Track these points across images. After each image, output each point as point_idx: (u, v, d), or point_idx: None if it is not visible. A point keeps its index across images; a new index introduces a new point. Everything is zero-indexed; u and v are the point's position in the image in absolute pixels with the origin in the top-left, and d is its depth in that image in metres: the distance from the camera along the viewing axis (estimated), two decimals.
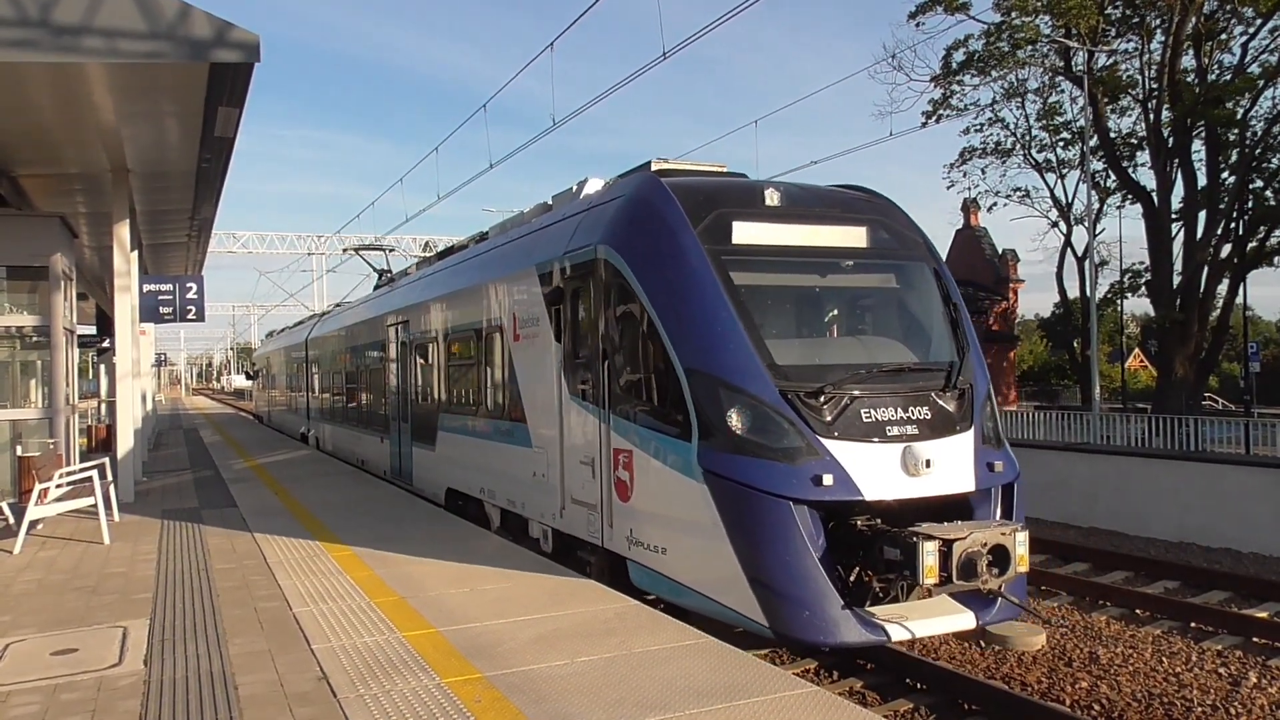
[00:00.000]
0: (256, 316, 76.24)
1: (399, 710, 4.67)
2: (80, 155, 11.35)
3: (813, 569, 6.56)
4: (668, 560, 7.40)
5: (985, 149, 36.85)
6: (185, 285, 15.36)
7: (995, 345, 44.73)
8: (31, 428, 12.03)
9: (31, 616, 6.66)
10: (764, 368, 7.01)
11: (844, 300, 8.50)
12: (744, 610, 6.81)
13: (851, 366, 7.34)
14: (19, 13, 7.47)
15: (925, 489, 6.93)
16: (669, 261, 7.54)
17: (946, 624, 7.08)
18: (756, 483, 6.73)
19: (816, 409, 6.94)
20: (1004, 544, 6.66)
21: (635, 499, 7.65)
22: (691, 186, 8.12)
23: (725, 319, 7.17)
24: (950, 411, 7.35)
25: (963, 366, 7.74)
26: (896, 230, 8.54)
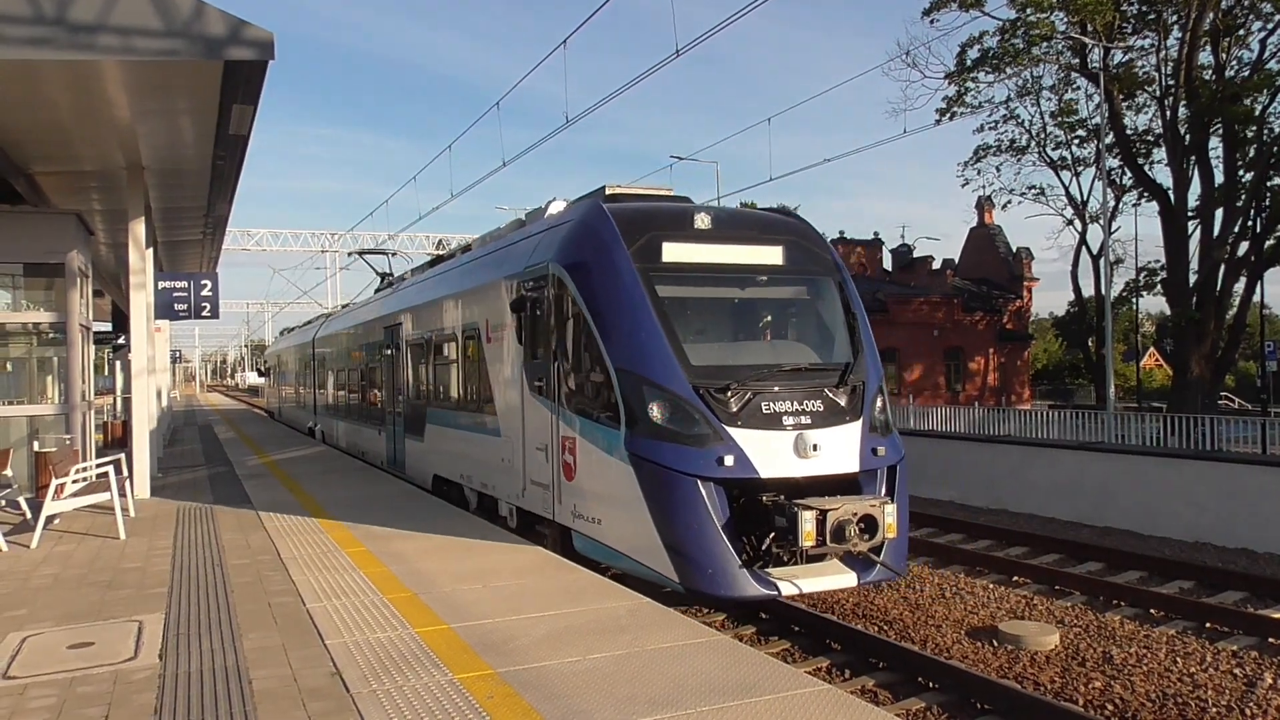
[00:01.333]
0: (270, 314, 76.57)
1: (411, 706, 4.68)
2: (96, 152, 11.42)
3: (715, 535, 7.77)
4: (603, 529, 8.63)
5: (1000, 146, 36.68)
6: (200, 282, 15.44)
7: (1009, 344, 44.56)
8: (48, 423, 12.14)
9: (48, 610, 6.71)
10: (681, 368, 8.22)
11: (759, 310, 9.80)
12: (661, 570, 8.03)
13: (757, 367, 8.60)
14: (35, 11, 7.52)
15: (814, 469, 8.13)
16: (605, 277, 8.83)
17: (831, 582, 8.24)
18: (670, 463, 7.93)
19: (723, 402, 8.16)
20: (873, 514, 7.90)
21: (578, 479, 8.88)
22: (630, 212, 9.33)
23: (650, 327, 8.41)
24: (841, 405, 8.58)
25: (856, 366, 8.96)
26: (808, 249, 9.72)
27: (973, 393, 41.84)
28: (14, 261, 12.00)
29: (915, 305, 41.87)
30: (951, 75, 33.24)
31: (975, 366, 43.38)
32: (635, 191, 10.87)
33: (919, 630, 9.91)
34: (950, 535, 15.30)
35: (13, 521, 10.05)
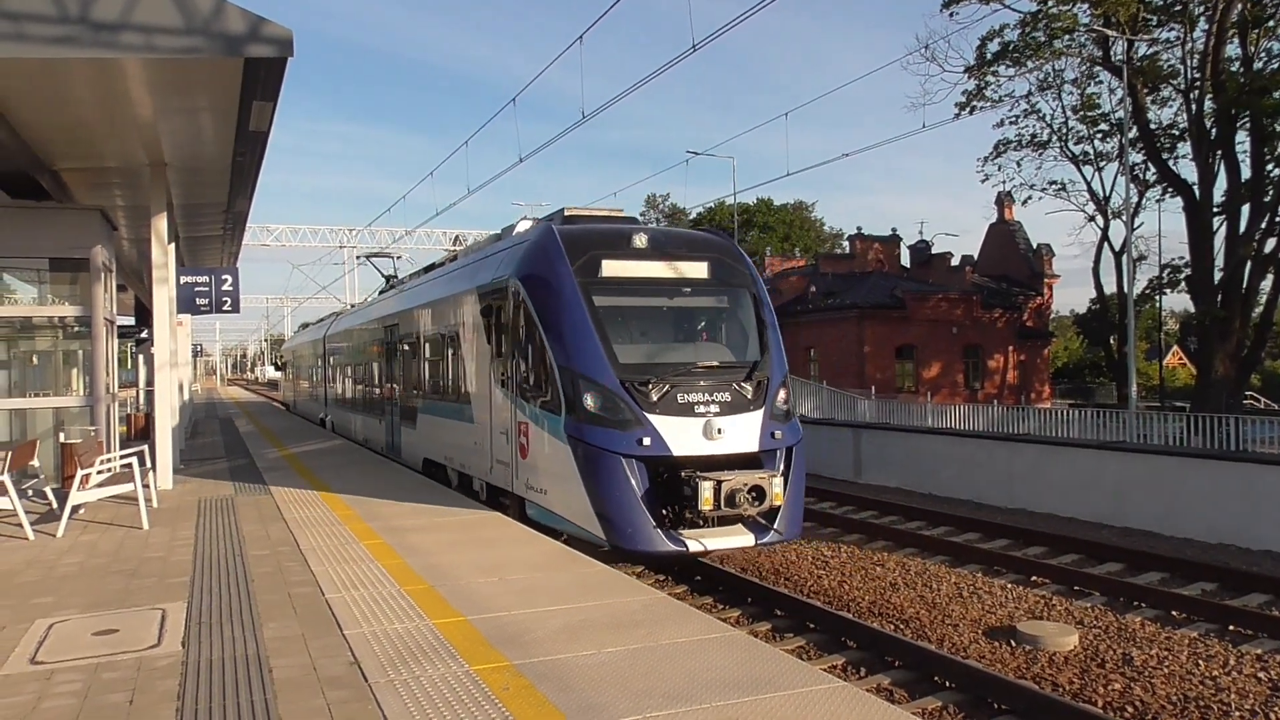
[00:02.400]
0: (289, 309, 77.12)
1: (429, 696, 4.73)
2: (119, 149, 11.53)
3: (635, 502, 9.32)
4: (549, 499, 10.25)
5: (1020, 141, 36.45)
6: (220, 277, 15.58)
7: (1029, 342, 44.26)
8: (73, 415, 12.28)
9: (74, 598, 6.81)
10: (610, 365, 9.74)
11: (682, 316, 11.22)
12: (594, 531, 9.55)
13: (675, 365, 10.12)
14: (60, 9, 7.61)
15: (719, 449, 9.62)
16: (551, 290, 10.39)
17: (731, 542, 9.75)
18: (599, 444, 9.49)
19: (645, 394, 9.65)
20: (761, 485, 9.39)
21: (529, 457, 10.54)
22: (576, 233, 10.86)
23: (586, 331, 9.94)
24: (746, 397, 10.04)
25: (761, 365, 10.42)
26: (729, 265, 11.21)
27: (991, 391, 41.58)
28: (40, 256, 12.14)
29: (933, 302, 41.65)
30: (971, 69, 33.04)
31: (994, 364, 43.10)
32: (589, 213, 12.42)
33: (935, 629, 9.89)
34: (967, 534, 15.24)
35: (39, 511, 10.19)
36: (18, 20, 7.54)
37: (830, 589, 11.62)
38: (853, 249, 49.26)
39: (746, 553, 13.62)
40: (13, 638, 5.85)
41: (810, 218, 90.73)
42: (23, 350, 13.62)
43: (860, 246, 48.30)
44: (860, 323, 40.40)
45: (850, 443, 23.50)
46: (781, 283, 48.12)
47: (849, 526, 15.72)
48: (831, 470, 23.66)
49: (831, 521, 16.18)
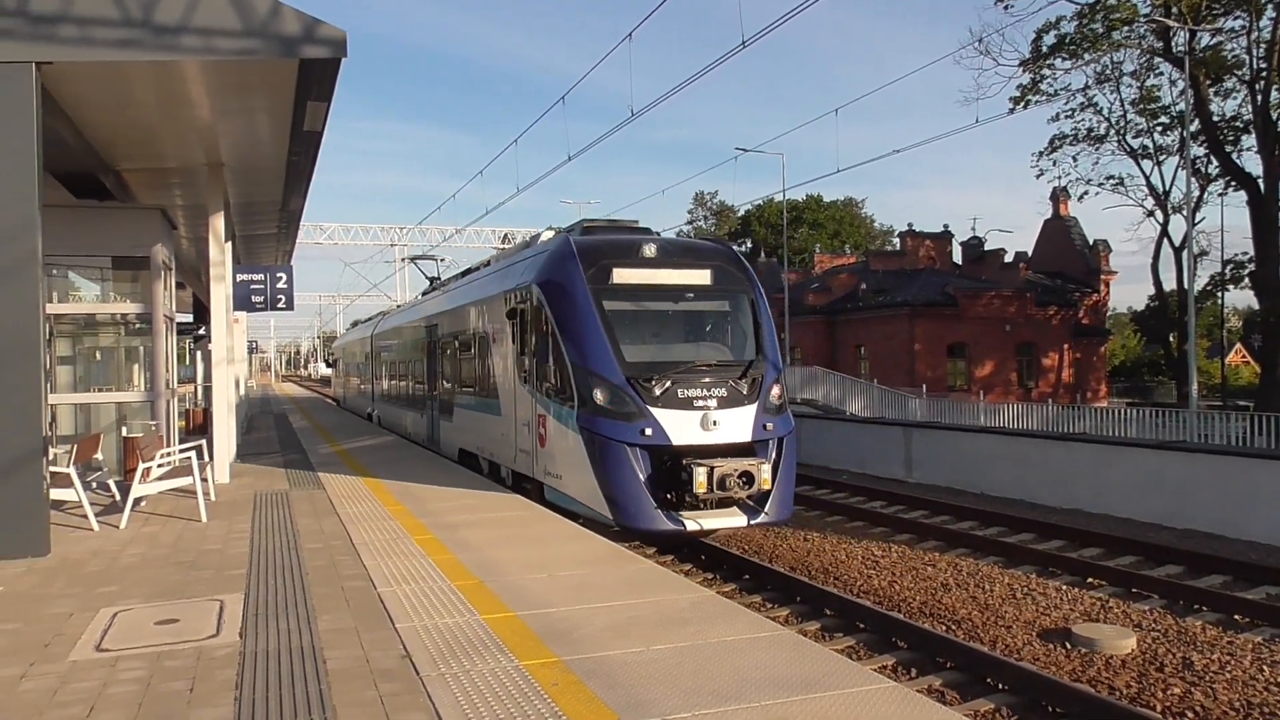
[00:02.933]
0: (342, 306, 78.35)
1: (479, 690, 4.77)
2: (178, 150, 11.81)
3: (638, 485, 10.37)
4: (563, 483, 11.31)
5: (1077, 135, 35.78)
6: (275, 275, 15.87)
7: (1085, 340, 43.41)
8: (135, 410, 12.62)
9: (136, 588, 6.99)
10: (618, 363, 10.75)
11: (685, 319, 12.08)
12: (602, 511, 10.61)
13: (676, 363, 11.05)
14: (123, 14, 7.81)
15: (715, 439, 10.62)
16: (566, 295, 11.38)
17: (725, 522, 10.67)
18: (607, 434, 10.52)
19: (648, 389, 10.62)
20: (750, 470, 10.33)
21: (547, 446, 11.61)
22: (591, 243, 11.87)
23: (596, 333, 10.95)
24: (742, 392, 11.00)
25: (756, 364, 11.37)
26: (730, 272, 12.13)
27: (1046, 390, 40.86)
28: (103, 255, 12.47)
29: (986, 299, 41.02)
30: (1026, 62, 32.50)
31: (1049, 363, 42.33)
32: (606, 224, 13.78)
33: (988, 630, 9.75)
34: (1021, 535, 15.00)
35: (103, 503, 10.46)
36: (84, 25, 7.76)
37: (880, 589, 11.51)
38: (903, 246, 48.75)
39: (795, 552, 13.57)
40: (79, 625, 6.02)
41: (860, 214, 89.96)
42: (87, 346, 13.99)
43: (911, 243, 47.77)
44: (911, 320, 39.95)
45: (901, 442, 23.25)
46: (831, 280, 47.78)
47: (899, 526, 15.55)
48: (882, 469, 23.42)
49: (882, 521, 16.02)
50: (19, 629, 5.97)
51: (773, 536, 14.71)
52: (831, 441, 25.86)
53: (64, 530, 9.14)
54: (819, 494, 19.32)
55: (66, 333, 13.14)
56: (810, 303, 45.47)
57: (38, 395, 7.89)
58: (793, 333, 41.17)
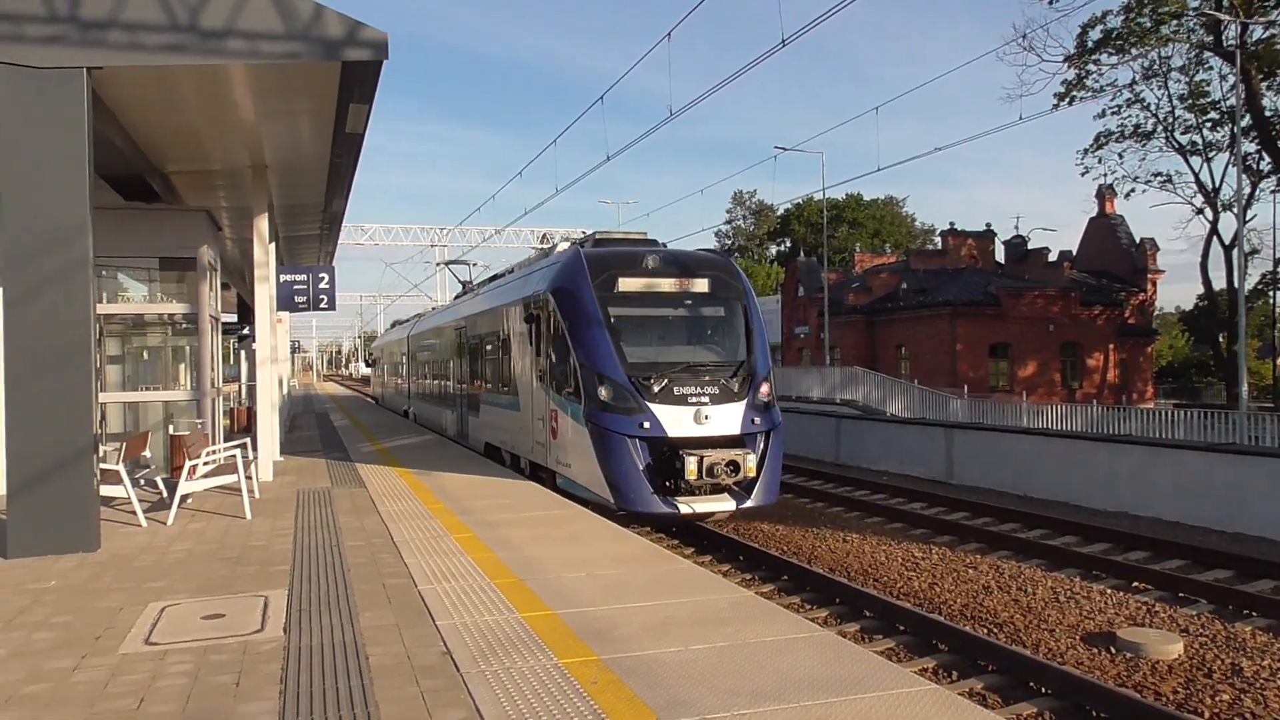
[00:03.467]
0: (382, 306, 79.21)
1: (519, 687, 4.80)
2: (223, 152, 12.00)
3: (637, 473, 11.45)
4: (572, 471, 12.42)
5: (1123, 132, 35.19)
6: (318, 276, 16.10)
7: (1131, 340, 42.66)
8: (181, 408, 12.84)
9: (184, 583, 7.12)
10: (620, 364, 11.84)
11: (683, 324, 13.09)
12: (605, 496, 11.65)
13: (673, 363, 12.16)
14: (170, 19, 7.96)
15: (706, 432, 11.68)
16: (575, 302, 12.50)
17: (715, 505, 11.65)
18: (610, 427, 11.61)
19: (647, 386, 11.73)
20: (736, 460, 11.37)
21: (558, 438, 12.74)
22: (599, 254, 13.04)
23: (602, 336, 12.04)
24: (733, 390, 12.10)
25: (746, 364, 12.46)
26: (725, 281, 13.17)
27: (1090, 391, 40.20)
28: (150, 256, 12.71)
29: (1029, 299, 40.47)
30: (1071, 58, 32.01)
31: (1094, 363, 41.64)
32: (617, 237, 15.15)
33: (1031, 634, 9.62)
34: (1064, 537, 14.77)
35: (151, 499, 10.67)
36: (133, 30, 7.92)
37: (921, 591, 11.40)
38: (945, 245, 48.25)
39: (835, 553, 13.49)
40: (129, 619, 6.15)
41: (901, 213, 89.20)
42: (134, 346, 14.27)
43: (953, 242, 47.27)
44: (953, 320, 39.52)
45: (942, 443, 23.00)
46: (872, 279, 47.41)
47: (940, 528, 15.39)
48: (922, 470, 23.19)
49: (922, 523, 15.86)
50: (71, 621, 6.11)
51: (811, 538, 14.63)
52: (871, 442, 25.65)
53: (113, 526, 9.34)
54: (858, 495, 19.18)
55: (115, 332, 13.41)
56: (850, 302, 45.15)
57: (88, 394, 8.06)
58: (832, 332, 40.90)
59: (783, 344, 49.57)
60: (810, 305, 46.78)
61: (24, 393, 7.98)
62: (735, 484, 11.61)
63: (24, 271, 7.94)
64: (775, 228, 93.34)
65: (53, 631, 5.90)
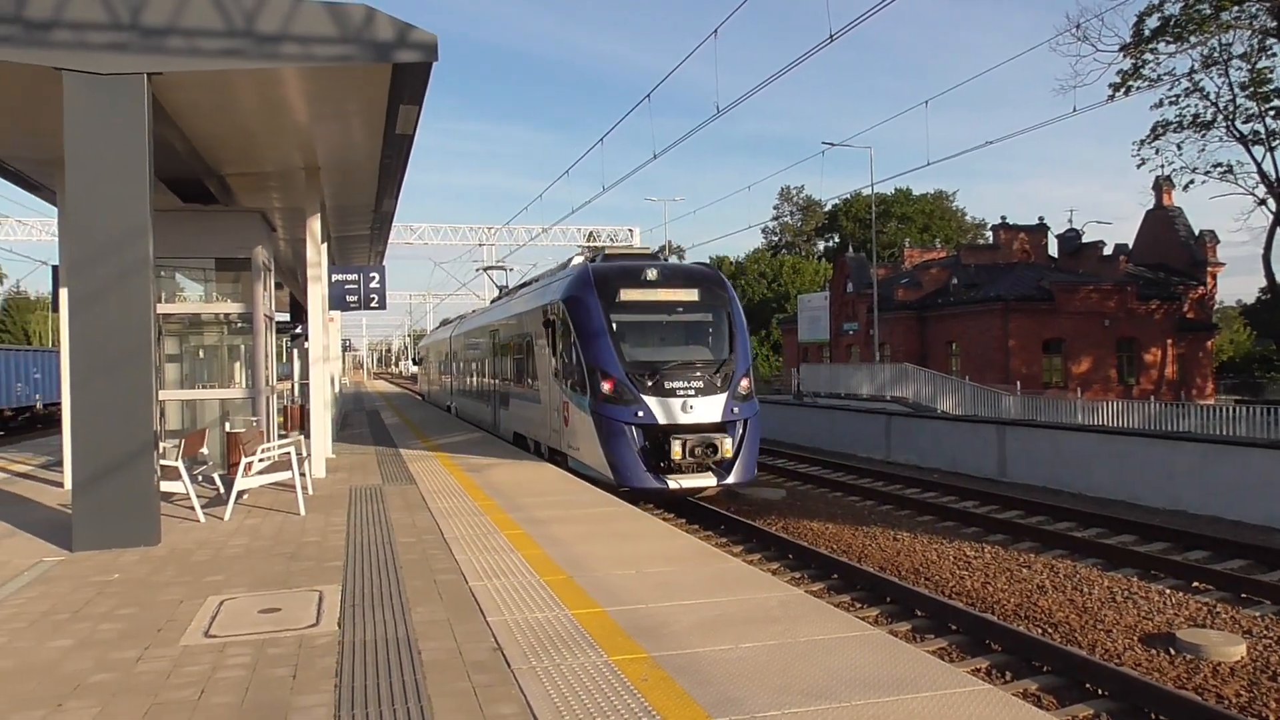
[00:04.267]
0: (431, 305, 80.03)
1: (569, 684, 4.83)
2: (277, 155, 12.21)
3: (632, 454, 13.46)
4: (580, 454, 14.43)
5: (1181, 122, 34.27)
6: (369, 275, 16.30)
7: (1189, 335, 41.62)
8: (237, 406, 13.08)
9: (241, 577, 7.28)
10: (620, 362, 13.81)
11: (675, 328, 14.91)
12: (606, 474, 13.57)
13: (665, 361, 14.07)
14: (228, 25, 8.12)
15: (691, 420, 13.60)
16: (583, 310, 14.45)
17: (697, 482, 13.54)
18: (610, 415, 13.63)
19: (642, 381, 13.69)
20: (715, 443, 13.31)
21: (569, 426, 14.79)
22: (604, 268, 15.06)
23: (604, 339, 14.04)
24: (715, 384, 13.95)
25: (728, 362, 14.33)
26: (713, 290, 15.15)
27: (1148, 387, 39.31)
28: (207, 256, 12.96)
29: (1084, 294, 39.67)
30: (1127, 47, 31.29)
31: (1151, 358, 40.70)
32: (625, 252, 17.75)
33: (1086, 634, 9.45)
34: (1121, 536, 14.49)
35: (208, 495, 10.90)
36: (191, 36, 8.10)
37: (973, 590, 11.26)
38: (996, 239, 47.46)
39: (885, 552, 13.39)
40: (189, 612, 6.30)
41: (951, 207, 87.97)
42: (192, 345, 14.56)
43: (1004, 236, 46.48)
44: (1005, 316, 38.90)
45: (994, 440, 22.67)
46: (921, 275, 46.83)
47: (992, 526, 15.18)
48: (974, 468, 22.88)
49: (974, 521, 15.65)
50: (135, 614, 6.27)
51: (861, 536, 14.52)
52: (922, 439, 25.35)
53: (172, 521, 9.56)
54: (908, 493, 18.98)
55: (174, 331, 13.68)
56: (900, 298, 44.64)
57: (149, 392, 8.26)
58: (881, 329, 40.48)
59: (831, 340, 49.15)
60: (859, 301, 46.33)
61: (89, 391, 8.19)
62: (715, 463, 13.51)
63: (88, 274, 8.15)
64: (823, 223, 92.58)
65: (117, 623, 6.07)
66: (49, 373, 37.40)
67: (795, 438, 31.07)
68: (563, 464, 14.87)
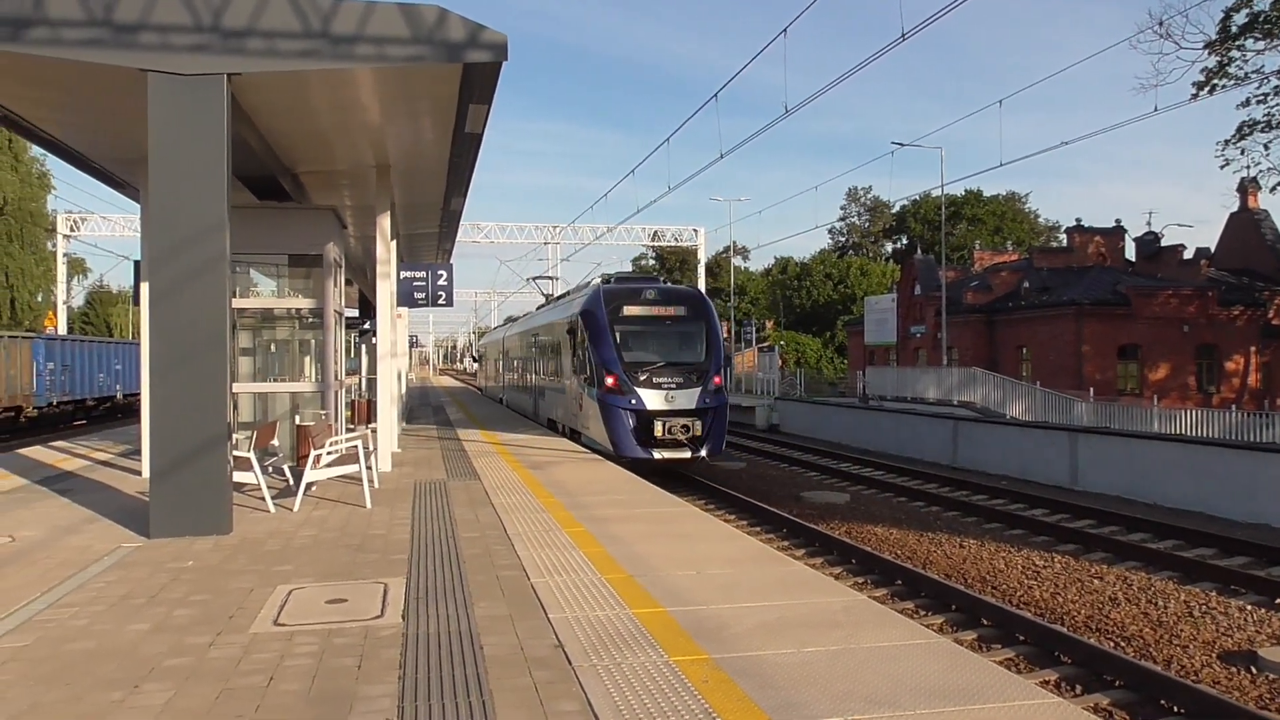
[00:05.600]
0: (497, 302, 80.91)
1: (629, 683, 4.82)
2: (349, 153, 12.44)
3: (626, 432, 17.36)
4: (590, 432, 18.70)
5: (1270, 121, 32.98)
6: (436, 272, 16.52)
7: (1276, 342, 40.07)
8: (306, 399, 13.36)
9: (309, 567, 7.42)
10: (620, 363, 17.71)
11: (664, 336, 18.83)
12: (607, 447, 17.34)
13: (654, 362, 18.00)
14: (305, 26, 8.29)
15: (673, 407, 17.56)
16: (594, 322, 18.47)
17: (675, 454, 17.44)
18: (611, 403, 17.55)
19: (636, 377, 17.58)
20: (688, 424, 17.46)
21: (582, 411, 19.03)
22: (612, 289, 19.25)
23: (609, 345, 18.03)
24: (692, 380, 17.87)
25: (704, 363, 18.22)
26: (696, 307, 19.27)
27: (1229, 395, 37.98)
28: (281, 253, 13.24)
29: (1162, 298, 38.48)
30: (1212, 44, 30.23)
31: (1233, 366, 39.30)
32: (631, 276, 22.65)
33: (1161, 649, 9.16)
34: (1199, 549, 14.01)
35: (278, 486, 11.14)
36: (269, 38, 8.29)
37: (1042, 600, 10.99)
38: (1070, 242, 46.27)
39: (950, 559, 13.17)
40: (260, 600, 6.45)
41: (1023, 209, 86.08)
42: (264, 339, 14.91)
43: (1079, 239, 45.29)
44: (1078, 320, 37.92)
45: (1065, 447, 22.11)
46: (992, 278, 45.91)
47: (1063, 535, 14.81)
48: (1044, 476, 22.34)
49: (1044, 530, 15.29)
50: (208, 600, 6.44)
51: (926, 542, 14.27)
52: (990, 445, 24.85)
53: (244, 511, 9.79)
54: (975, 499, 18.61)
55: (247, 326, 14.02)
56: (969, 301, 43.80)
57: (224, 384, 8.48)
58: (950, 332, 39.76)
59: (898, 344, 48.44)
60: (927, 304, 45.57)
61: (166, 383, 8.44)
62: (689, 440, 17.71)
63: (167, 269, 8.40)
64: (891, 225, 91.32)
65: (191, 609, 6.23)
66: (129, 364, 38.69)
67: (860, 442, 30.70)
68: (578, 440, 19.27)
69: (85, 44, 8.04)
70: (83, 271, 68.04)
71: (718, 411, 18.07)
